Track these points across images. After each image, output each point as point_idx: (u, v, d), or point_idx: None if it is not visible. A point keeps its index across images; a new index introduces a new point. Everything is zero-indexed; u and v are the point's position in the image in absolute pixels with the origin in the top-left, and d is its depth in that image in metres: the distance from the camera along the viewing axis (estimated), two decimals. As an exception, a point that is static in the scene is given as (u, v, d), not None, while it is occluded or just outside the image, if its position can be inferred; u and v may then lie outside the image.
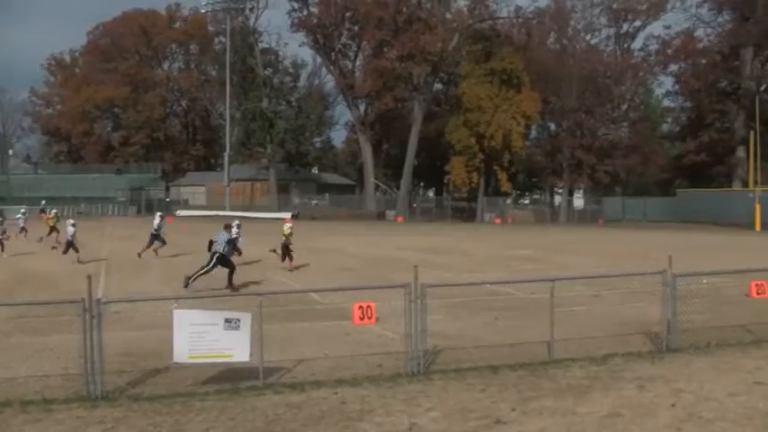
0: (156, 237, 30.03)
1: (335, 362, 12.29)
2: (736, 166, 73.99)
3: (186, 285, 20.32)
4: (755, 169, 63.30)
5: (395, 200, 79.37)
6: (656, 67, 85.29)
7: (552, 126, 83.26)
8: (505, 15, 78.40)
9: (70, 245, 28.64)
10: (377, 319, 14.46)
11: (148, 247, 29.89)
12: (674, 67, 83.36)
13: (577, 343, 13.37)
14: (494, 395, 10.31)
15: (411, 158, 77.61)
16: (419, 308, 11.57)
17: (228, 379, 11.13)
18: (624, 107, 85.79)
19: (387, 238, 44.37)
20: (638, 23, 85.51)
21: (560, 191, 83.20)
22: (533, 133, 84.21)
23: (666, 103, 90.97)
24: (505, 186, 74.96)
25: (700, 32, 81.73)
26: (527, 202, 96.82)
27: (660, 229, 58.53)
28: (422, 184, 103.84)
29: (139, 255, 29.30)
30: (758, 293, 16.83)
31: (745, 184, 68.53)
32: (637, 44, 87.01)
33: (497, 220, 71.50)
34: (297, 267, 25.78)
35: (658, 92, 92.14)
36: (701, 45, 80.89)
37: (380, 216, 74.89)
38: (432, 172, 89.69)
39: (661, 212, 71.81)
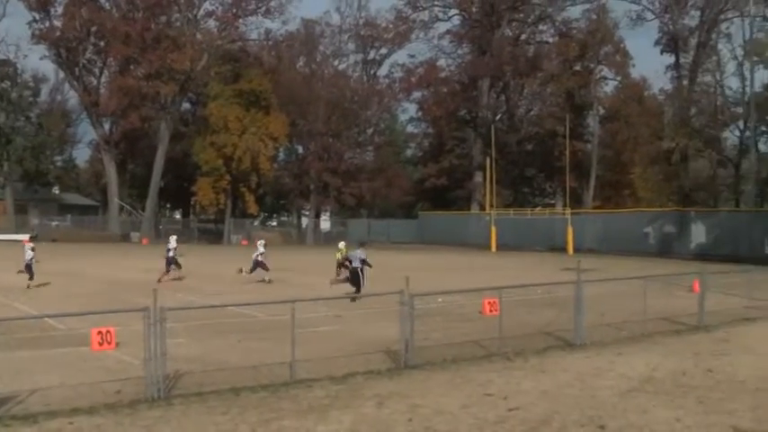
0: None
1: (72, 390, 11.74)
2: (475, 190, 78.00)
3: None
4: (491, 193, 67.13)
5: (140, 221, 77.15)
6: (400, 94, 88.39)
7: (300, 149, 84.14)
8: (255, 38, 78.65)
9: None
10: (117, 345, 13.93)
11: None
12: (417, 95, 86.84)
13: (319, 363, 13.55)
14: (235, 417, 10.25)
15: (157, 179, 75.73)
16: (159, 331, 11.32)
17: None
18: (370, 132, 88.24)
19: (131, 260, 43.01)
20: (384, 51, 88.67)
21: (307, 213, 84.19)
22: (281, 156, 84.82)
23: (410, 128, 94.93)
24: (253, 208, 74.81)
25: (442, 62, 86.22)
26: (274, 223, 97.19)
27: (403, 250, 60.57)
28: (168, 205, 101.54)
29: None
30: (490, 311, 17.74)
31: (483, 208, 72.55)
32: (383, 71, 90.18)
33: (244, 242, 71.19)
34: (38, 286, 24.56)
35: (402, 118, 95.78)
36: (442, 74, 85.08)
37: (125, 238, 72.56)
38: (179, 193, 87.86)
39: (404, 234, 74.53)
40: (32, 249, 27.69)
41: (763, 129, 65.44)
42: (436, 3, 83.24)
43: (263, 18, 76.10)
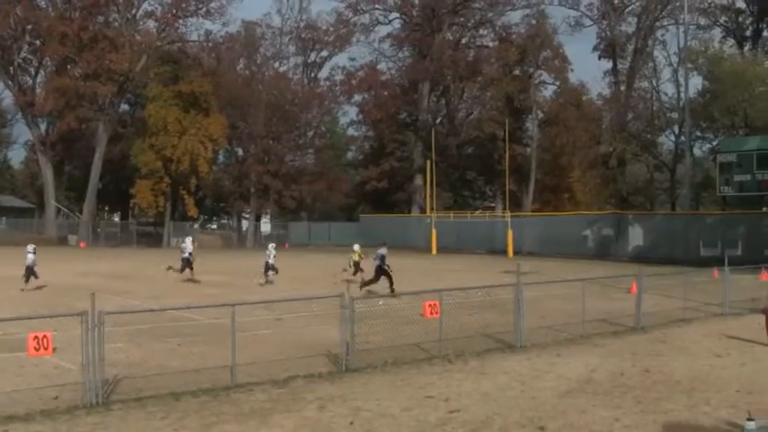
0: None
1: (7, 397, 11.51)
2: (415, 193, 78.27)
3: None
4: (432, 196, 67.42)
5: (77, 224, 75.79)
6: (341, 97, 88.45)
7: (240, 151, 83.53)
8: (195, 39, 77.89)
9: None
10: (54, 350, 13.69)
11: None
12: (358, 98, 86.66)
13: (260, 367, 13.49)
14: (175, 423, 10.15)
15: (95, 181, 74.47)
16: (97, 336, 11.15)
17: None
18: (311, 134, 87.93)
19: (68, 264, 42.16)
20: (325, 54, 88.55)
21: (248, 216, 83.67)
22: (221, 158, 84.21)
23: (351, 131, 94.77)
24: (192, 211, 74.02)
25: (383, 66, 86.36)
26: (215, 226, 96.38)
27: (344, 252, 60.39)
28: (107, 207, 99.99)
29: None
30: (431, 313, 17.80)
31: (423, 211, 72.82)
32: (324, 74, 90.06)
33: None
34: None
35: (343, 121, 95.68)
36: (383, 78, 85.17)
37: (62, 241, 71.15)
38: (117, 195, 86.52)
39: (346, 237, 74.21)
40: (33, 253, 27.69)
41: (698, 134, 66.89)
42: (377, 6, 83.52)
43: (203, 19, 75.34)
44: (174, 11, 73.10)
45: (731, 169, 49.95)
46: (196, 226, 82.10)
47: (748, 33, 65.57)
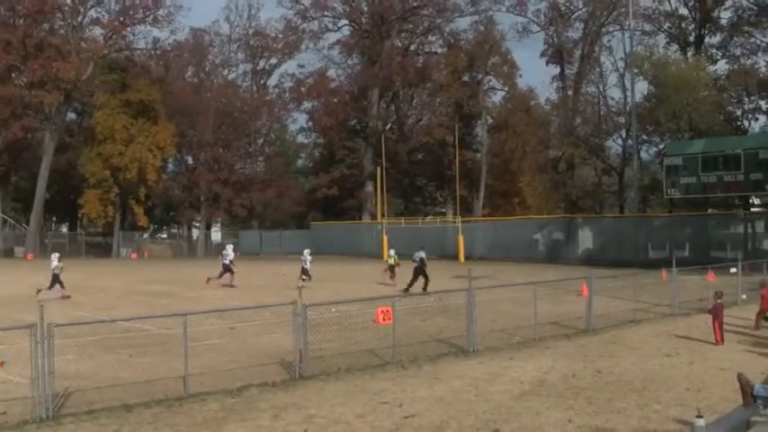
0: None
1: (-47, 413, 11.26)
2: (366, 199, 78.19)
3: None
4: (383, 203, 67.52)
5: (24, 235, 74.57)
6: (290, 104, 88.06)
7: (190, 159, 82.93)
8: (143, 47, 77.10)
9: None
10: (2, 364, 13.50)
11: None
12: (307, 105, 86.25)
13: (213, 376, 13.41)
14: (127, 434, 10.03)
15: (42, 192, 73.29)
16: (46, 349, 10.98)
17: None
18: (260, 142, 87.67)
19: (15, 276, 41.51)
20: (274, 61, 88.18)
21: (198, 224, 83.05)
22: (171, 167, 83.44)
23: (301, 139, 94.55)
24: (142, 220, 73.33)
25: (332, 72, 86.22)
26: (165, 236, 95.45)
27: (296, 260, 60.16)
28: (54, 218, 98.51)
29: None
30: (383, 319, 17.87)
31: (374, 217, 72.84)
32: (273, 81, 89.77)
33: (134, 255, 69.91)
34: None
35: (293, 128, 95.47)
36: (332, 85, 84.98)
37: (8, 253, 69.94)
38: (65, 206, 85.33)
39: (297, 244, 73.83)
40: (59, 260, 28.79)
41: (645, 138, 67.66)
42: (326, 13, 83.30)
43: (150, 27, 74.50)
44: (122, 18, 72.31)
45: (677, 172, 50.70)
46: (146, 235, 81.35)
47: (691, 39, 66.58)
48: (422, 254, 31.54)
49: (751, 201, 53.82)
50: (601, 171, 75.48)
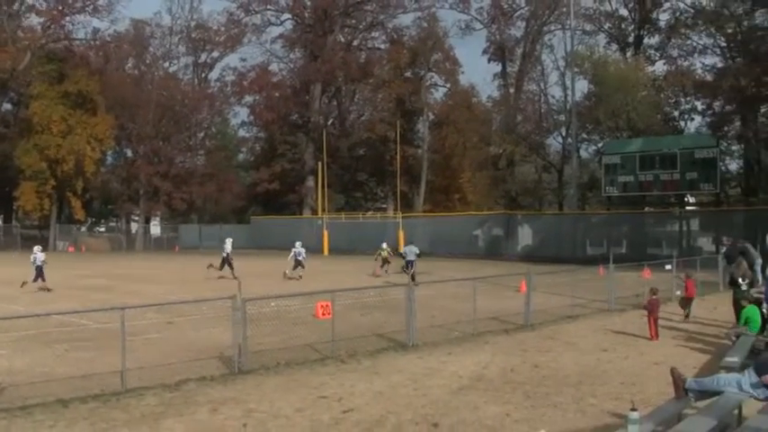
0: None
1: None
2: (307, 194, 78.02)
3: None
4: (323, 198, 67.44)
5: (-44, 227, 73.09)
6: (232, 98, 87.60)
7: (129, 152, 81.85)
8: (82, 37, 75.80)
9: None
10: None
11: None
12: (249, 99, 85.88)
13: (151, 371, 13.29)
14: (63, 430, 9.94)
15: (-24, 184, 72.01)
16: (-21, 343, 10.79)
17: None
18: (201, 135, 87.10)
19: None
20: (216, 54, 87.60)
21: (137, 218, 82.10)
22: (110, 159, 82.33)
23: (242, 132, 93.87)
24: (79, 213, 72.23)
25: (274, 66, 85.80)
26: (103, 229, 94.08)
27: (236, 255, 59.78)
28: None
29: None
30: (323, 314, 17.84)
31: (315, 212, 72.76)
32: (214, 74, 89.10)
33: (71, 249, 68.84)
34: None
35: (234, 122, 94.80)
36: (275, 79, 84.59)
37: (-60, 245, 68.54)
38: (0, 198, 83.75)
39: (237, 239, 73.26)
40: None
41: (584, 136, 68.50)
42: (269, 7, 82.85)
43: (90, 17, 73.42)
44: (61, 8, 71.04)
45: (615, 170, 51.54)
46: (83, 229, 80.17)
47: (630, 40, 67.53)
48: (415, 249, 33.32)
49: (686, 199, 55.00)
50: (541, 168, 76.31)
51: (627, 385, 12.53)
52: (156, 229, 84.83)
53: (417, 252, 33.68)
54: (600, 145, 64.98)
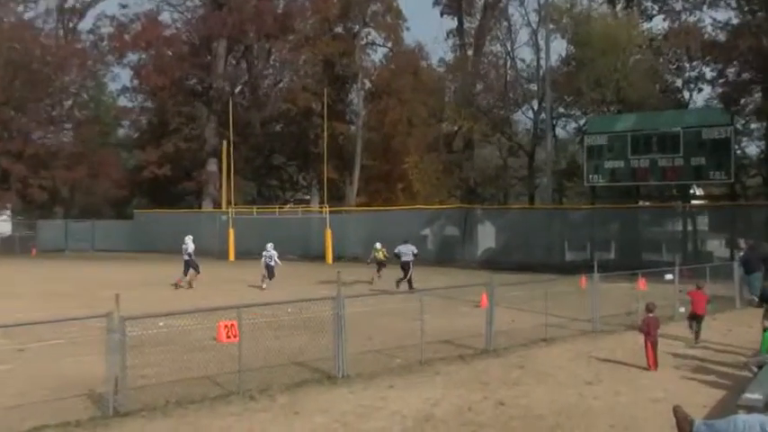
0: None
1: None
2: (208, 182, 77.55)
3: None
4: (229, 187, 67.02)
5: None
6: (109, 56, 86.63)
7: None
8: None
9: None
10: None
11: None
12: (132, 58, 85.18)
13: (-6, 414, 12.93)
14: None
15: None
16: None
17: None
18: (68, 104, 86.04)
19: None
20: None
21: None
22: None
23: (123, 101, 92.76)
24: None
25: (166, 16, 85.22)
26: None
27: (113, 260, 59.31)
28: None
29: None
30: (228, 337, 17.64)
31: (219, 205, 72.36)
32: (86, 24, 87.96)
33: None
34: None
35: (113, 87, 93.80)
36: (167, 32, 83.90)
37: None
38: None
39: (115, 239, 73.08)
40: None
41: (561, 111, 69.05)
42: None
43: None
44: None
45: (601, 154, 51.80)
46: None
47: (622, -12, 68.11)
48: (413, 248, 35.76)
49: (692, 191, 55.59)
50: (506, 151, 76.84)
51: (618, 429, 12.53)
52: (5, 225, 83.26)
53: (416, 252, 35.62)
54: (582, 122, 65.61)
